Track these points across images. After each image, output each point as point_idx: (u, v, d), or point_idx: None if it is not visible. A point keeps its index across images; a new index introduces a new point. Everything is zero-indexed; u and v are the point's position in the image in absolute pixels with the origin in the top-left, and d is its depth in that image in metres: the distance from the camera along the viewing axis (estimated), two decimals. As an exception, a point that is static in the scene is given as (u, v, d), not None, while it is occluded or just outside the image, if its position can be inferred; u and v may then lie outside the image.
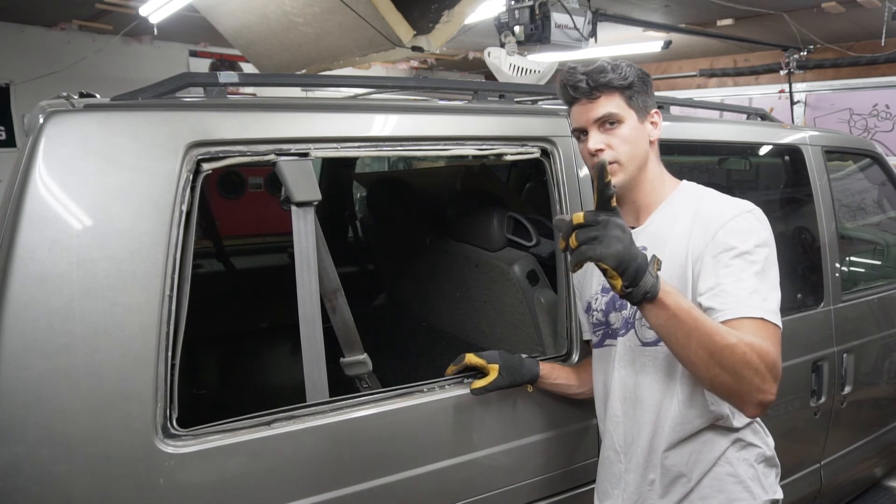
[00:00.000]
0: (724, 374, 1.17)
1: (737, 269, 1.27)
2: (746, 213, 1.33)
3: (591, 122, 1.38)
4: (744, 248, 1.28)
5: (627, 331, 1.43)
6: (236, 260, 3.21)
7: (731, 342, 1.16)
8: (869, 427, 2.69)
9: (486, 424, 1.58)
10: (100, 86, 1.85)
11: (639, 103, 1.38)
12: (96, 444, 1.16)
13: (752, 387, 1.18)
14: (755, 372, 1.17)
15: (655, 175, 1.44)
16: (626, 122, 1.37)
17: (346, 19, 2.11)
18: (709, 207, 1.36)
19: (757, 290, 1.25)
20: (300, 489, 1.34)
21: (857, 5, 4.66)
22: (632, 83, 1.36)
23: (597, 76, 1.35)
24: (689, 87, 7.06)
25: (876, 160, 2.87)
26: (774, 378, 1.20)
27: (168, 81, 1.37)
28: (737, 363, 1.16)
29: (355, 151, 1.49)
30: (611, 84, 1.35)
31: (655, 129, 1.43)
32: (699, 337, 1.16)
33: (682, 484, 1.39)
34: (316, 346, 1.37)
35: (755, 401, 1.20)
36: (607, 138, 1.37)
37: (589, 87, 1.36)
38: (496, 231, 2.11)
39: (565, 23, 2.88)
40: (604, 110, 1.36)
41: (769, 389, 1.19)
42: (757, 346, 1.18)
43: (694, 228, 1.34)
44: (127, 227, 1.20)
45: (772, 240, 1.34)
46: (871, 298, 2.57)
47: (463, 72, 8.23)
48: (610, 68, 1.36)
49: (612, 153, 1.36)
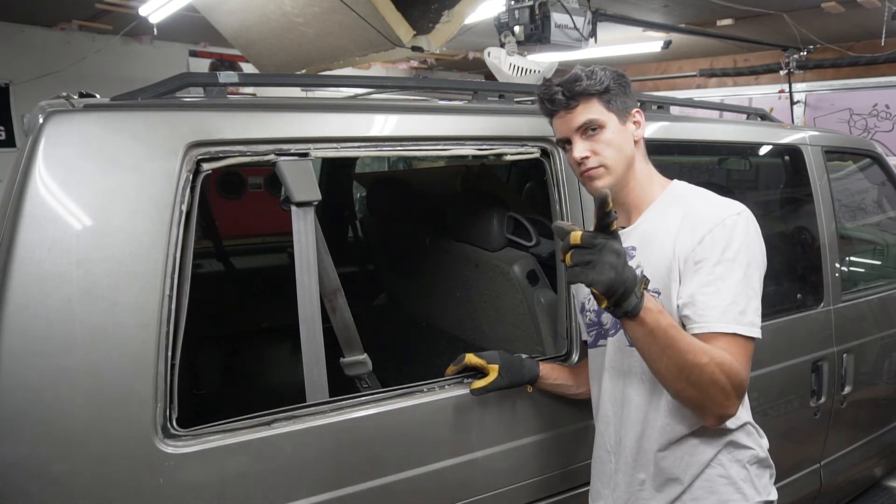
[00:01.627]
0: (691, 388, 1.23)
1: (716, 279, 1.28)
2: (734, 216, 1.32)
3: (574, 131, 1.39)
4: (727, 255, 1.28)
5: (617, 331, 1.43)
6: (236, 260, 3.21)
7: (701, 362, 1.20)
8: (869, 427, 2.69)
9: (486, 424, 1.58)
10: (100, 86, 1.85)
11: (618, 105, 1.39)
12: (96, 443, 1.16)
13: (715, 403, 1.24)
14: (721, 391, 1.23)
15: (644, 174, 1.45)
16: (608, 126, 1.37)
17: (346, 19, 2.10)
18: (697, 209, 1.36)
19: (735, 300, 1.27)
20: (300, 489, 1.34)
21: (857, 5, 4.66)
22: (608, 87, 1.37)
23: (571, 86, 1.36)
24: (689, 87, 7.07)
25: (876, 160, 2.87)
26: (739, 395, 1.25)
27: (168, 81, 1.37)
28: (704, 381, 1.22)
29: (355, 151, 1.49)
30: (587, 91, 1.36)
31: (639, 129, 1.43)
32: (672, 354, 1.20)
33: (674, 485, 1.39)
34: (316, 346, 1.37)
35: (716, 414, 1.27)
36: (591, 145, 1.38)
37: (566, 97, 1.37)
38: (496, 231, 2.11)
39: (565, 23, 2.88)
40: (584, 118, 1.37)
41: (731, 405, 1.25)
42: (727, 365, 1.22)
43: (682, 229, 1.35)
44: (127, 227, 1.20)
45: (758, 243, 1.34)
46: (871, 298, 2.57)
47: (463, 72, 8.23)
48: (584, 75, 1.37)
49: (598, 158, 1.37)
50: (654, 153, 1.53)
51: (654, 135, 1.96)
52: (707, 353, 1.21)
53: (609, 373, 1.46)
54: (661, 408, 1.37)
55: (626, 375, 1.42)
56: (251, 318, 3.03)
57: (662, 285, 1.35)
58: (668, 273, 1.34)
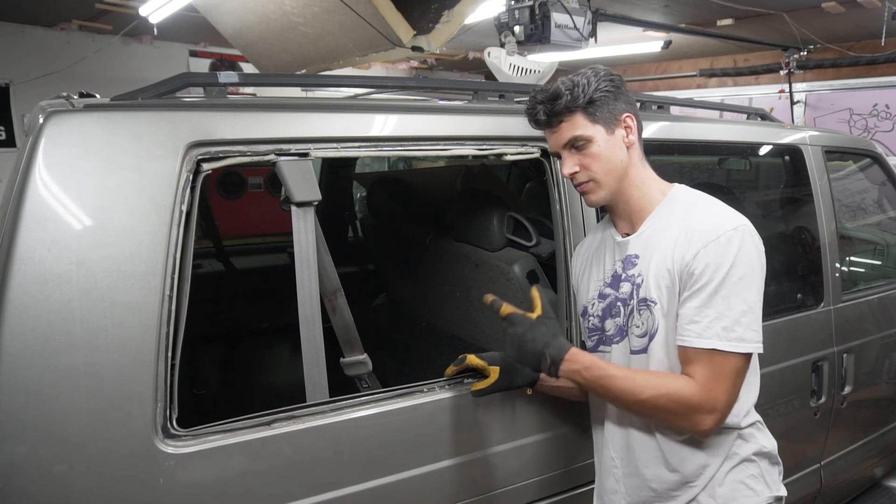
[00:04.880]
0: (650, 414, 1.37)
1: (704, 295, 1.29)
2: (730, 232, 1.30)
3: (561, 147, 1.39)
4: (719, 272, 1.28)
5: (623, 338, 1.44)
6: (236, 260, 3.21)
7: (641, 398, 1.31)
8: (869, 427, 2.69)
9: (487, 425, 1.58)
10: (100, 86, 1.85)
11: (604, 115, 1.36)
12: (96, 444, 1.16)
13: (681, 423, 1.33)
14: (675, 414, 1.31)
15: (642, 179, 1.43)
16: (595, 139, 1.36)
17: (346, 19, 2.10)
18: (694, 219, 1.35)
19: (720, 316, 1.28)
20: (300, 489, 1.34)
21: (857, 5, 4.66)
22: (591, 99, 1.34)
23: (551, 105, 1.35)
24: (689, 87, 7.07)
25: (876, 160, 2.87)
26: (709, 410, 1.29)
27: (168, 81, 1.37)
28: (654, 411, 1.34)
29: (355, 151, 1.49)
30: (568, 108, 1.34)
31: (630, 134, 1.40)
32: (611, 398, 1.38)
33: (685, 485, 1.39)
34: (316, 346, 1.37)
35: (693, 430, 1.33)
36: (580, 159, 1.38)
37: (547, 116, 1.36)
38: (496, 231, 2.11)
39: (565, 23, 2.88)
40: (567, 135, 1.36)
41: (701, 421, 1.30)
42: (675, 393, 1.29)
43: (679, 239, 1.34)
44: (127, 227, 1.20)
45: (756, 257, 1.32)
46: (871, 298, 2.57)
47: (463, 72, 8.23)
48: (566, 90, 1.34)
49: (587, 174, 1.38)
50: (655, 153, 1.53)
51: (654, 135, 1.96)
52: (650, 387, 1.31)
53: None
54: None
55: None
56: (251, 318, 3.03)
57: (660, 296, 1.35)
58: (667, 283, 1.34)
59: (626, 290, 1.41)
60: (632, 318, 1.40)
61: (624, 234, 1.46)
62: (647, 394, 1.30)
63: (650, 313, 1.36)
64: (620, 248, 1.45)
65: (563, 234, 1.72)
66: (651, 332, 1.37)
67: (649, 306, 1.36)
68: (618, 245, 1.46)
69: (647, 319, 1.37)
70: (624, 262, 1.44)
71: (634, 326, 1.40)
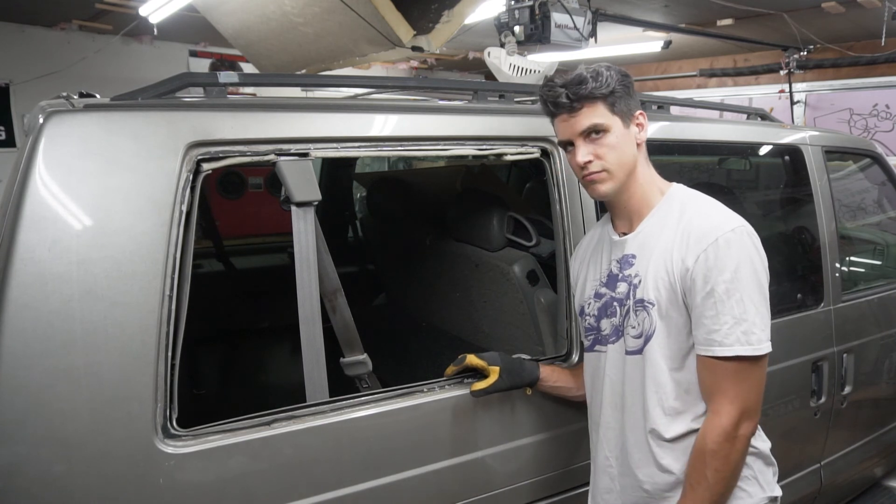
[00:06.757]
0: (734, 473, 1.35)
1: (717, 302, 1.28)
2: (727, 234, 1.30)
3: (577, 135, 1.36)
4: (725, 276, 1.28)
5: (618, 338, 1.43)
6: (236, 260, 3.21)
7: (716, 479, 1.31)
8: (869, 427, 2.69)
9: (486, 425, 1.58)
10: (100, 86, 1.85)
11: (622, 108, 1.36)
12: (96, 443, 1.16)
13: (740, 445, 1.33)
14: (730, 443, 1.31)
15: (646, 178, 1.43)
16: (612, 129, 1.35)
17: (346, 19, 2.10)
18: (690, 222, 1.35)
19: (741, 318, 1.27)
20: (300, 489, 1.34)
21: (857, 5, 4.66)
22: (613, 90, 1.34)
23: (577, 88, 1.33)
24: (689, 87, 7.07)
25: (876, 160, 2.87)
26: (748, 417, 1.31)
27: (168, 81, 1.37)
28: (726, 465, 1.32)
29: (355, 151, 1.49)
30: (592, 94, 1.33)
31: (641, 132, 1.41)
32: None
33: (677, 487, 1.39)
34: (316, 346, 1.37)
35: (747, 440, 1.33)
36: (595, 148, 1.35)
37: (570, 100, 1.34)
38: (496, 231, 2.10)
39: (565, 23, 2.87)
40: (588, 122, 1.34)
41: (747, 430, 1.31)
42: (712, 441, 1.31)
43: (676, 241, 1.34)
44: (127, 227, 1.20)
45: (757, 257, 1.32)
46: (871, 298, 2.57)
47: (463, 72, 8.23)
48: (590, 77, 1.33)
49: (601, 163, 1.35)
50: (655, 153, 1.53)
51: (654, 135, 1.95)
52: (699, 468, 1.32)
53: (609, 379, 1.46)
54: (662, 412, 1.37)
55: (625, 382, 1.42)
56: (251, 318, 3.03)
57: (658, 297, 1.35)
58: (666, 284, 1.34)
59: (623, 290, 1.41)
60: (627, 319, 1.40)
61: (621, 234, 1.46)
62: (708, 472, 1.30)
63: (647, 314, 1.36)
64: (617, 248, 1.45)
65: (563, 234, 1.72)
66: (647, 334, 1.37)
67: (646, 307, 1.36)
68: (614, 244, 1.46)
69: (644, 321, 1.37)
70: (620, 262, 1.44)
71: (630, 327, 1.39)
